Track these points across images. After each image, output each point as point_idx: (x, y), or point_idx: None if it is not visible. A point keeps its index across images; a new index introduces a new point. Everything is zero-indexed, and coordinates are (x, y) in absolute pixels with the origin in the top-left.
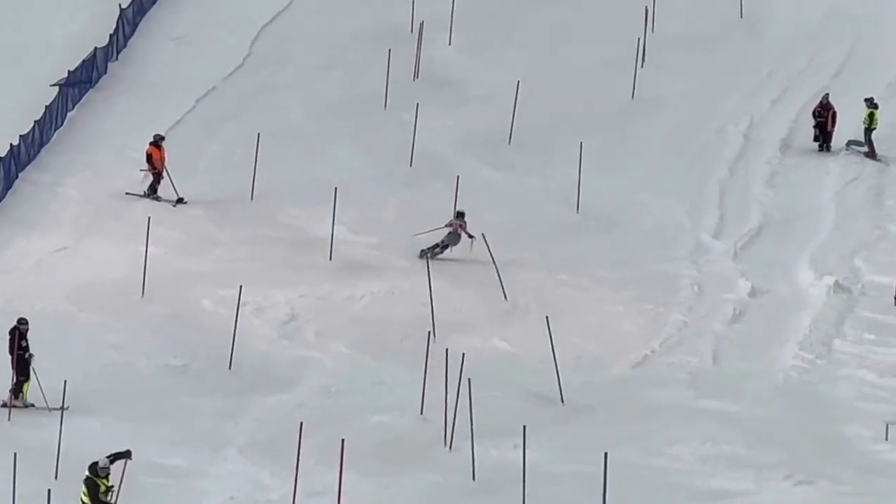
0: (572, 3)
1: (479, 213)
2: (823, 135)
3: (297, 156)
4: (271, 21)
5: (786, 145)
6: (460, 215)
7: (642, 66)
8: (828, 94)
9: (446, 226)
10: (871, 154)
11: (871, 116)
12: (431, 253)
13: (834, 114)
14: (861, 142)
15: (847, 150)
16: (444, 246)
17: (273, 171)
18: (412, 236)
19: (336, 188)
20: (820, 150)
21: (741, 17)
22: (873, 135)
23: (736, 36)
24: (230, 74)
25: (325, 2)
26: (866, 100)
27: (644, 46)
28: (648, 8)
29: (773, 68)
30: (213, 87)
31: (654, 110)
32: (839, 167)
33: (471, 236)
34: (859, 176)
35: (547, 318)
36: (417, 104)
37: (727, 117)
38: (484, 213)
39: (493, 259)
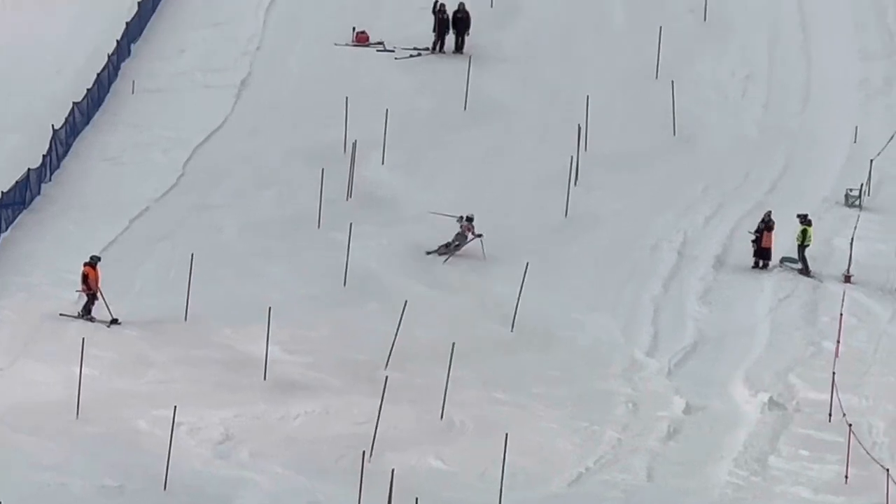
0: (505, 123)
1: (413, 331)
2: (760, 252)
3: (231, 275)
4: (205, 141)
5: (720, 262)
6: (469, 220)
7: (576, 185)
8: (770, 211)
9: (457, 221)
10: (805, 271)
11: (804, 233)
12: (441, 252)
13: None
14: (795, 258)
15: (781, 266)
16: (455, 245)
17: (207, 290)
18: (428, 212)
19: (270, 308)
20: (755, 268)
21: (674, 134)
22: (807, 251)
23: (670, 153)
24: (164, 194)
25: (259, 121)
26: (799, 216)
27: (577, 165)
28: (581, 126)
29: (708, 184)
30: (147, 208)
31: (588, 228)
32: (773, 284)
33: (478, 235)
34: (793, 293)
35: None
36: (351, 223)
37: (661, 234)
38: (419, 330)
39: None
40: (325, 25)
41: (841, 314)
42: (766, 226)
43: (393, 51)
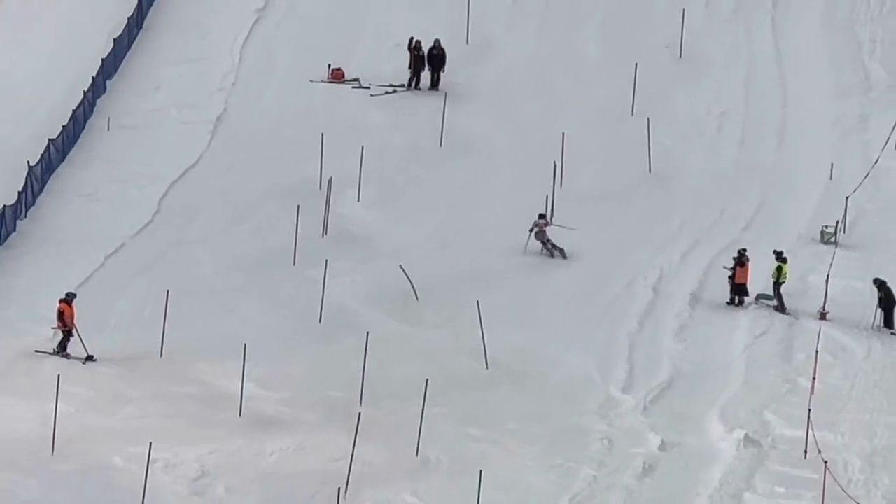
0: (481, 159)
1: (388, 368)
2: (735, 288)
3: (206, 312)
4: (180, 177)
5: (695, 299)
6: (542, 216)
7: (551, 222)
8: (744, 248)
9: (534, 226)
10: (781, 308)
11: (779, 270)
12: (552, 252)
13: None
14: (770, 295)
15: (757, 303)
16: (550, 244)
17: (183, 327)
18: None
19: (245, 344)
20: (730, 304)
21: (650, 171)
22: (782, 288)
23: (645, 189)
24: (140, 231)
25: (234, 158)
26: (775, 253)
27: (553, 202)
28: (557, 163)
29: (683, 221)
30: (123, 244)
31: (564, 264)
32: (749, 321)
33: (551, 224)
34: (769, 330)
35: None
36: (326, 260)
37: (637, 271)
38: (393, 367)
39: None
40: (301, 62)
41: (816, 351)
42: (739, 262)
43: (368, 87)
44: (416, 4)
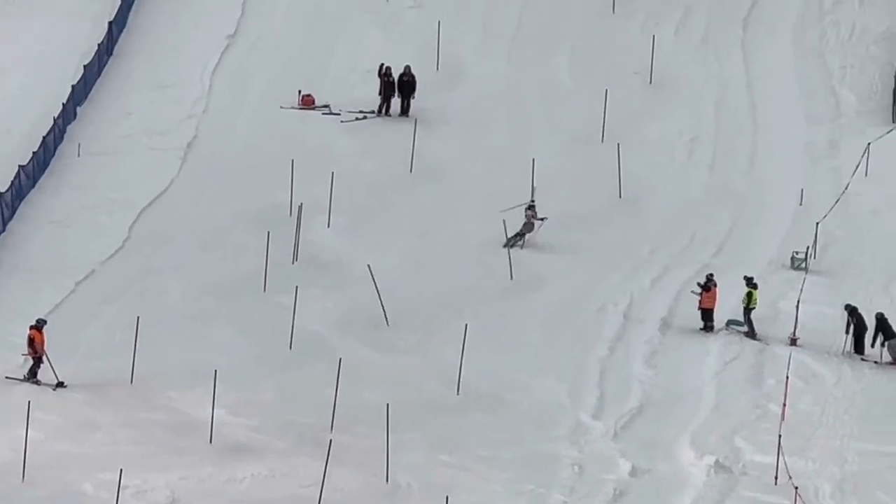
0: (451, 185)
1: (358, 394)
2: (702, 313)
3: (176, 338)
4: (151, 204)
5: (666, 324)
6: (531, 206)
7: (522, 247)
8: (711, 273)
9: (526, 211)
10: (751, 334)
11: (749, 296)
12: (513, 243)
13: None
14: (740, 321)
15: (727, 329)
16: (521, 235)
17: (153, 353)
18: (500, 211)
19: (216, 370)
20: (702, 330)
21: (620, 196)
22: (753, 314)
23: (616, 215)
24: (110, 257)
25: (205, 184)
26: (745, 279)
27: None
28: (527, 188)
29: (654, 246)
30: (93, 271)
31: (535, 290)
32: (719, 347)
33: (541, 219)
34: (739, 356)
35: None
36: (297, 286)
37: (607, 296)
38: (365, 393)
39: None
40: (271, 88)
41: (787, 377)
42: (705, 287)
43: (339, 114)
44: (387, 31)
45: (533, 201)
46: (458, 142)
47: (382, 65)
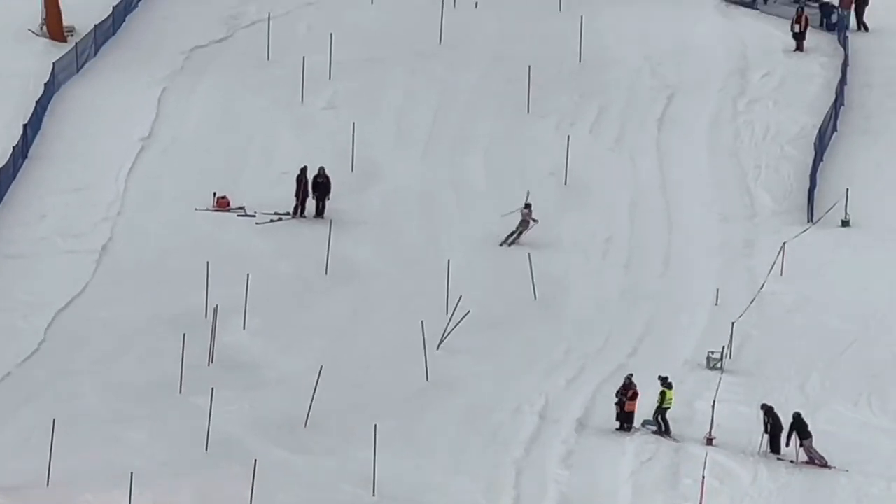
0: (367, 286)
1: (275, 496)
2: (624, 416)
3: (93, 440)
4: (66, 306)
5: (582, 425)
6: (528, 206)
7: (437, 349)
8: (631, 374)
9: (522, 210)
10: (666, 433)
11: (662, 395)
12: (510, 240)
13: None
14: (653, 420)
15: (643, 429)
16: (518, 233)
17: (69, 456)
18: (501, 216)
19: (132, 473)
20: (619, 430)
21: (535, 298)
22: (668, 414)
23: (531, 316)
24: (25, 360)
25: (120, 286)
26: (660, 378)
27: (443, 328)
28: (443, 292)
29: (569, 347)
30: (9, 373)
31: (450, 391)
32: (635, 447)
33: (535, 221)
34: (655, 455)
35: None
36: (212, 388)
37: (523, 397)
38: (280, 495)
39: None
40: (186, 190)
41: (703, 477)
42: (629, 396)
43: (254, 215)
44: (302, 132)
45: (529, 203)
46: (374, 242)
47: (303, 168)
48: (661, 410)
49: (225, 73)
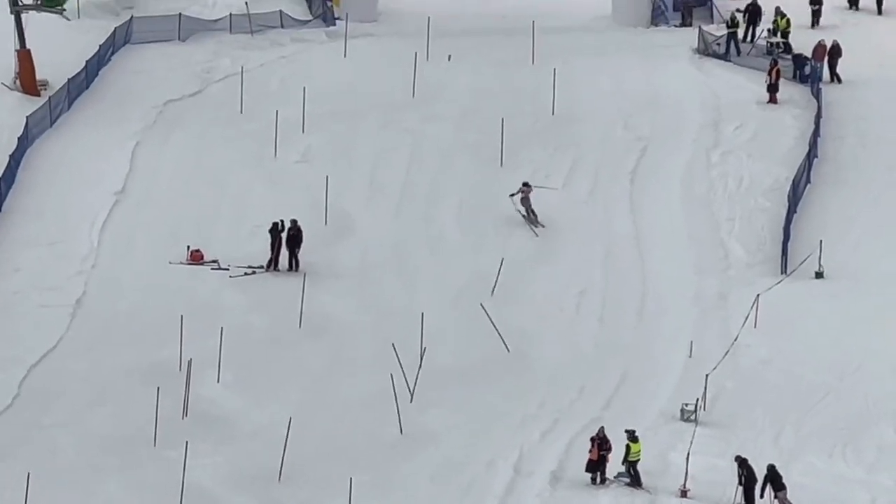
0: (340, 339)
1: None
2: (595, 465)
3: (67, 494)
4: (40, 360)
5: (556, 478)
6: (526, 184)
7: (411, 401)
8: (603, 427)
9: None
10: (636, 483)
11: (628, 449)
12: (535, 223)
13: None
14: (628, 473)
15: (616, 480)
16: (529, 211)
17: None
18: (508, 196)
19: None
20: (592, 483)
21: (508, 350)
22: (640, 465)
23: (505, 368)
24: (0, 414)
25: (94, 340)
26: (627, 432)
27: (414, 381)
28: (416, 345)
29: (543, 400)
30: None
31: (424, 445)
32: (609, 499)
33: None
34: None
35: None
36: (187, 442)
37: (497, 450)
38: None
39: None
40: (160, 244)
41: None
42: (602, 441)
43: (227, 269)
44: (275, 185)
45: (527, 182)
46: (347, 295)
47: (279, 221)
48: (629, 463)
49: (198, 126)
